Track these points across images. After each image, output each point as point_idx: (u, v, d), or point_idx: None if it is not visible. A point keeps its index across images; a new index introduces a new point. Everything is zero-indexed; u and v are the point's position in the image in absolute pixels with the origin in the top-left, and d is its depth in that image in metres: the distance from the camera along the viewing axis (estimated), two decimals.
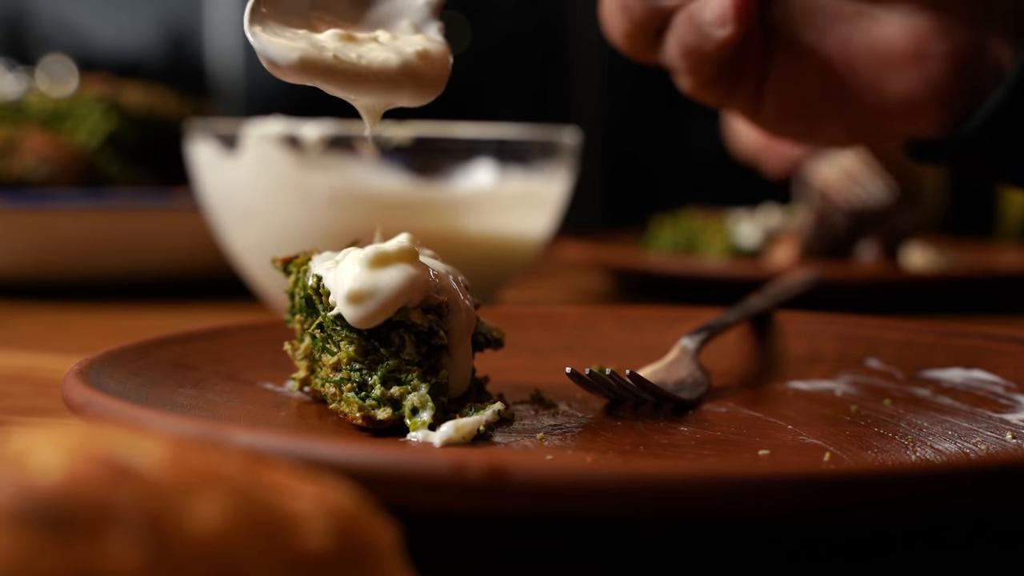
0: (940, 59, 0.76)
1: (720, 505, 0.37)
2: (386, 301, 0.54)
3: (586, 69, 2.83)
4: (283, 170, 0.95)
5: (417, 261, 0.56)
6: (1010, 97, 0.73)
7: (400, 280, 0.54)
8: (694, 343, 0.69)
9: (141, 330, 0.78)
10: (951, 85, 0.76)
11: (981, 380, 0.65)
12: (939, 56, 0.76)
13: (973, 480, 0.39)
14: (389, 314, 0.55)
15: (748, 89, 0.79)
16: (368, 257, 0.55)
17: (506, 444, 0.53)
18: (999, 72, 0.76)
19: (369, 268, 0.54)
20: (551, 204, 1.06)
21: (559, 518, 0.40)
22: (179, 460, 0.27)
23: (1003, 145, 0.76)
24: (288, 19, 0.57)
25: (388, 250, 0.55)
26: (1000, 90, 0.74)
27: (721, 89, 0.78)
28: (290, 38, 0.55)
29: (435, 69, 0.58)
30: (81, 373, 0.52)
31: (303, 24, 0.57)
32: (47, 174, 1.26)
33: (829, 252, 1.30)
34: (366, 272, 0.54)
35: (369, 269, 0.54)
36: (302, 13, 0.58)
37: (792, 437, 0.55)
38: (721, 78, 0.77)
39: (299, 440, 0.43)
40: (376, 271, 0.54)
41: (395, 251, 0.55)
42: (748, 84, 0.79)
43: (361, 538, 0.27)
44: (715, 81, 0.77)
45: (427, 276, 0.56)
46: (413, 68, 0.57)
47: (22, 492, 0.24)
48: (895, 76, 0.77)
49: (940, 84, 0.76)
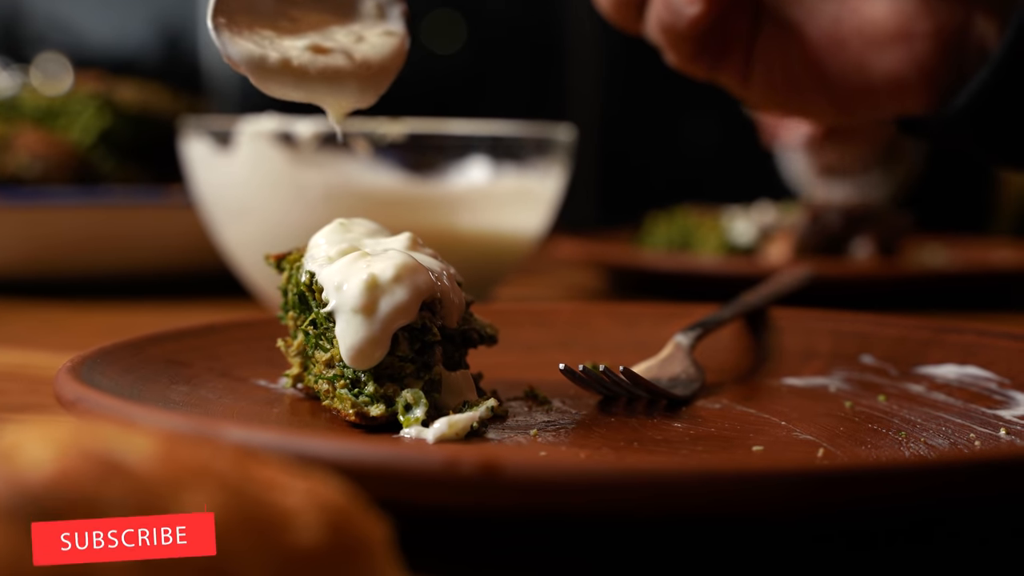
0: (926, 38, 0.77)
1: (714, 501, 0.37)
2: (387, 338, 0.55)
3: (581, 66, 2.82)
4: (277, 167, 0.95)
5: (409, 275, 0.55)
6: (994, 77, 0.74)
7: (399, 313, 0.54)
8: (688, 339, 0.69)
9: (134, 327, 0.77)
10: (937, 65, 0.77)
11: (975, 376, 0.65)
12: (925, 35, 0.77)
13: (967, 476, 0.39)
14: None
15: (735, 64, 0.81)
16: (362, 304, 0.54)
17: (499, 440, 0.53)
18: (984, 52, 0.77)
19: (366, 316, 0.54)
20: (545, 201, 1.05)
21: (552, 514, 0.39)
22: (169, 456, 0.27)
23: (987, 124, 0.78)
24: (254, 13, 0.57)
25: (380, 283, 0.55)
26: (985, 70, 0.75)
27: (706, 63, 0.80)
28: (251, 38, 0.56)
29: (379, 72, 0.59)
30: (73, 369, 0.52)
31: (271, 16, 0.58)
32: (41, 171, 1.26)
33: (823, 249, 1.30)
34: (365, 324, 0.54)
35: (366, 317, 0.54)
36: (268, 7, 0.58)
37: (786, 433, 0.55)
38: (704, 52, 0.79)
39: (291, 436, 0.43)
40: (372, 317, 0.54)
41: (388, 279, 0.55)
42: (735, 58, 0.80)
43: (353, 534, 0.27)
44: (697, 56, 0.79)
45: (425, 283, 0.56)
46: (355, 71, 0.58)
47: (11, 487, 0.24)
48: (881, 55, 0.78)
49: (926, 63, 0.77)
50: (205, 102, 1.87)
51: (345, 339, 0.54)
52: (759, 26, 0.79)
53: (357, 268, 0.55)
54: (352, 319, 0.54)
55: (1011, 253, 1.47)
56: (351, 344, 0.54)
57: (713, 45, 0.79)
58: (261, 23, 0.57)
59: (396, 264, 0.55)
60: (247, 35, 0.56)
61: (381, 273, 0.54)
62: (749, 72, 0.81)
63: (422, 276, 0.55)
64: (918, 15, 0.77)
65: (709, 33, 0.77)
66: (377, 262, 0.55)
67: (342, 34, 0.58)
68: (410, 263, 0.55)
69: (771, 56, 0.79)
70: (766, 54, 0.80)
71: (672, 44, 0.78)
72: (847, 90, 0.79)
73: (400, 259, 0.55)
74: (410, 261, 0.55)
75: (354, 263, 0.56)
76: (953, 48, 0.77)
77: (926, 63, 0.77)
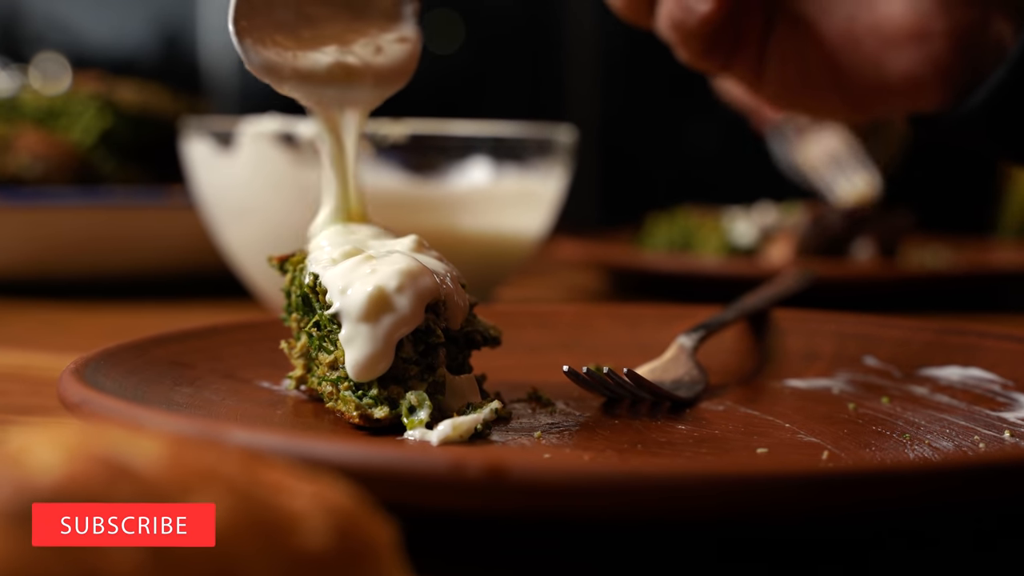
0: (942, 37, 0.77)
1: (718, 504, 0.37)
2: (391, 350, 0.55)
3: (581, 67, 2.82)
4: (278, 168, 0.95)
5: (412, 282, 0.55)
6: (1012, 75, 0.74)
7: (403, 323, 0.55)
8: (691, 341, 0.69)
9: (136, 328, 0.77)
10: (953, 63, 0.77)
11: (978, 378, 0.65)
12: (941, 34, 0.77)
13: (971, 479, 0.39)
14: None
15: (748, 60, 0.80)
16: (366, 318, 0.54)
17: (503, 443, 0.53)
18: (1001, 51, 0.77)
19: (370, 330, 0.54)
20: (547, 202, 1.05)
21: (557, 516, 0.39)
22: (177, 459, 0.27)
23: (1004, 122, 0.78)
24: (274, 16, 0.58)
25: (385, 297, 0.55)
26: (1002, 68, 0.75)
27: (719, 59, 0.80)
28: (272, 48, 0.57)
29: (395, 79, 0.61)
30: (77, 371, 0.52)
31: (291, 19, 0.58)
32: (42, 172, 1.26)
33: (825, 251, 1.30)
34: (369, 339, 0.54)
35: (370, 332, 0.54)
36: (289, 18, 0.59)
37: (790, 435, 0.55)
38: (716, 49, 0.78)
39: (297, 439, 0.43)
40: (376, 331, 0.54)
41: (392, 289, 0.55)
42: (748, 55, 0.80)
43: (360, 537, 0.27)
44: (709, 53, 0.79)
45: (429, 287, 0.56)
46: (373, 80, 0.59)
47: (21, 491, 0.24)
48: (897, 53, 0.78)
49: (942, 62, 0.77)
50: (205, 102, 1.87)
51: (350, 354, 0.54)
52: (773, 23, 0.79)
53: (361, 272, 0.55)
54: (356, 334, 0.54)
55: (1013, 254, 1.48)
56: (355, 360, 0.54)
57: (725, 42, 0.78)
58: (282, 30, 0.57)
59: (400, 271, 0.55)
60: (268, 44, 0.56)
61: (386, 284, 0.54)
62: (762, 69, 0.80)
63: (426, 280, 0.55)
64: (935, 13, 0.77)
65: (721, 30, 0.77)
66: (382, 266, 0.55)
67: (360, 45, 0.59)
68: (414, 268, 0.55)
69: (785, 53, 0.79)
70: (780, 51, 0.79)
71: (683, 41, 0.78)
72: (861, 88, 0.79)
73: (404, 265, 0.55)
74: (414, 266, 0.55)
75: (358, 267, 0.56)
76: (969, 46, 0.77)
77: (942, 61, 0.77)
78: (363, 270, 0.55)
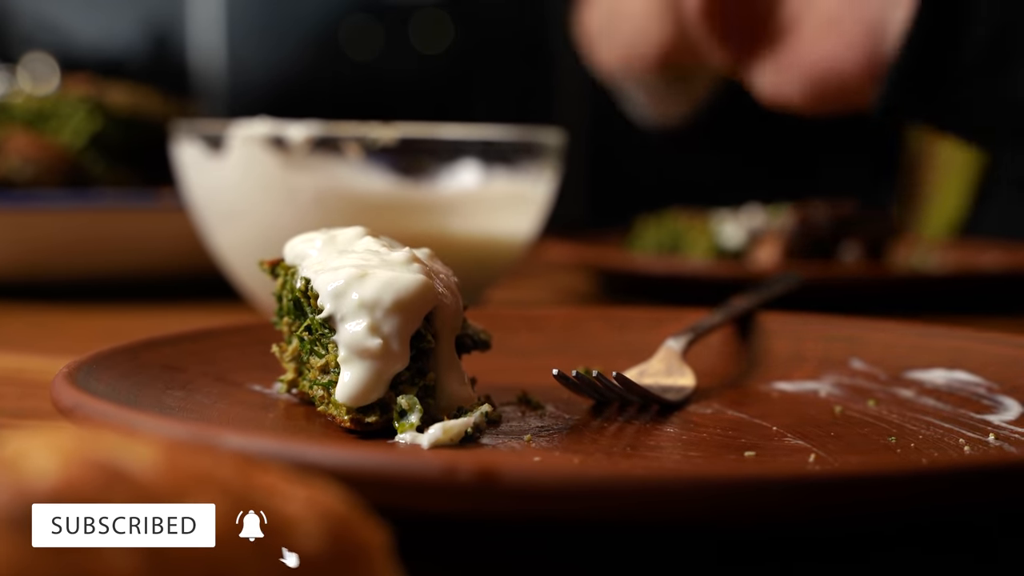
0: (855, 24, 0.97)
1: (707, 506, 0.38)
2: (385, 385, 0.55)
3: (570, 70, 2.83)
4: (268, 171, 0.95)
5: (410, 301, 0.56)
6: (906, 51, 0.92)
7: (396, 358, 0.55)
8: (679, 344, 0.69)
9: (127, 331, 0.78)
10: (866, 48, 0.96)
11: (964, 381, 0.65)
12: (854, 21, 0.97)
13: (956, 481, 0.39)
14: None
15: (759, 50, 1.04)
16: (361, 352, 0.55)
17: (494, 446, 0.54)
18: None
19: (365, 363, 0.54)
20: (536, 205, 1.06)
21: (548, 519, 0.40)
22: (172, 463, 0.27)
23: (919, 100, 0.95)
24: None
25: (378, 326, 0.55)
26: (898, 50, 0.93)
27: (734, 47, 1.05)
28: None
29: None
30: (70, 375, 0.52)
31: None
32: (32, 174, 1.26)
33: (812, 253, 1.31)
34: (365, 372, 0.54)
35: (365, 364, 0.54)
36: None
37: (777, 438, 0.56)
38: (727, 35, 1.03)
39: (290, 443, 0.43)
40: (371, 364, 0.55)
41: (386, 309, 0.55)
42: (759, 46, 1.03)
43: (353, 541, 0.27)
44: (725, 38, 1.03)
45: (423, 298, 0.56)
46: None
47: (17, 496, 0.25)
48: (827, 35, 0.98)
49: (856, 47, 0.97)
50: (195, 105, 1.87)
51: (343, 386, 0.55)
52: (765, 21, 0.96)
53: (353, 278, 0.55)
54: (351, 365, 0.54)
55: (999, 256, 1.48)
56: (349, 393, 0.54)
57: (732, 28, 0.99)
58: None
59: (397, 289, 0.55)
60: None
61: (377, 303, 0.54)
62: (758, 63, 1.01)
63: (419, 293, 0.55)
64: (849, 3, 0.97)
65: (718, 14, 0.98)
66: (378, 271, 0.55)
67: None
68: (410, 285, 0.55)
69: (773, 48, 0.95)
70: (771, 48, 0.96)
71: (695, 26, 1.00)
72: (810, 80, 1.00)
73: (400, 281, 0.55)
74: (410, 283, 0.55)
75: (351, 269, 0.56)
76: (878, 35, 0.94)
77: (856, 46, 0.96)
78: (355, 274, 0.55)
